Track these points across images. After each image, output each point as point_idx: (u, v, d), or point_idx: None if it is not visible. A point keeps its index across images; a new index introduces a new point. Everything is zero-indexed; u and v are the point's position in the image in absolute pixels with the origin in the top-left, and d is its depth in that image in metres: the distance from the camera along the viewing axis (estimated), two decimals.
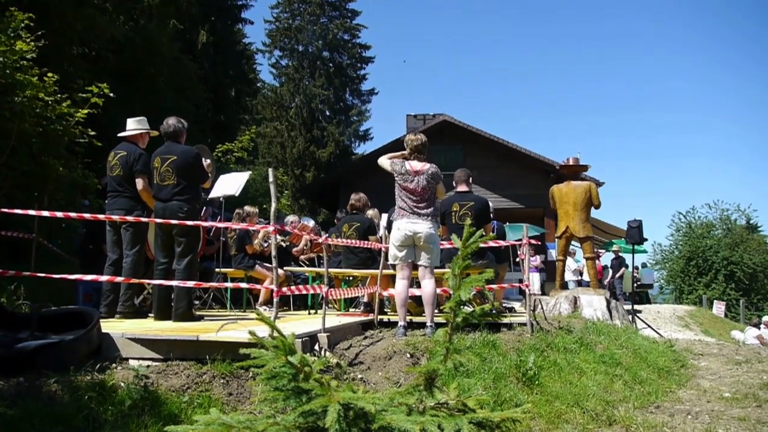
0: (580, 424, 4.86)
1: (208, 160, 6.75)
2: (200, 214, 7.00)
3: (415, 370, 1.94)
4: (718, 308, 22.75)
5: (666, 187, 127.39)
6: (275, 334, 2.12)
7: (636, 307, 14.38)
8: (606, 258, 19.26)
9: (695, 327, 17.15)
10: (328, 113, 35.48)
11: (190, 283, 5.80)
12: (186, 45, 20.76)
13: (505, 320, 6.87)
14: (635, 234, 11.11)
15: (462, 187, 7.38)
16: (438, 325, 6.26)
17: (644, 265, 25.09)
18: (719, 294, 30.33)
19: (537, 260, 17.38)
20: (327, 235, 8.07)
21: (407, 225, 5.76)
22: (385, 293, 6.98)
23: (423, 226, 5.78)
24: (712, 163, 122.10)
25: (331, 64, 35.42)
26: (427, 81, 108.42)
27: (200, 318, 6.24)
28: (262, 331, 2.34)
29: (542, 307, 8.13)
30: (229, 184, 8.50)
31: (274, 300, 5.39)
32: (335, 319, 6.51)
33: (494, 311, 7.74)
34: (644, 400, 5.75)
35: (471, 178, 7.51)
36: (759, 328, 14.59)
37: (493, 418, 1.86)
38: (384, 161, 6.00)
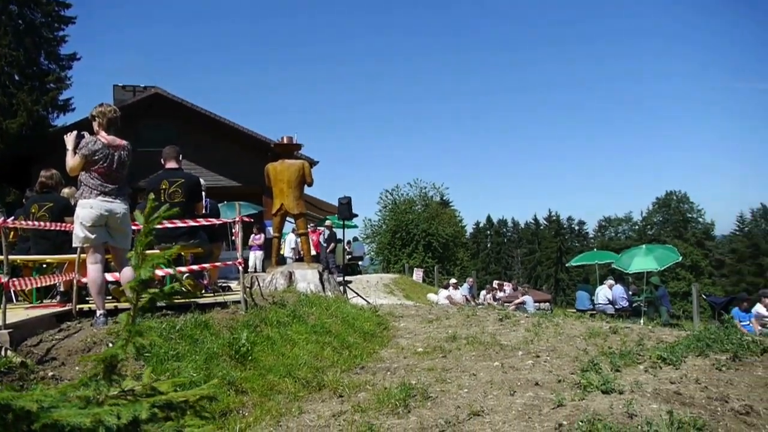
0: (292, 392, 5.02)
1: None
2: None
3: (91, 358, 1.75)
4: (418, 275, 25.60)
5: (376, 166, 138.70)
6: None
7: (348, 278, 15.40)
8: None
9: (398, 293, 19.04)
10: (17, 78, 30.71)
11: None
12: None
13: (219, 299, 6.76)
14: (345, 210, 11.83)
15: (171, 164, 7.02)
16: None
17: (355, 239, 26.95)
18: (419, 262, 34.10)
19: (260, 238, 17.49)
20: (14, 217, 7.01)
21: (102, 204, 5.25)
22: (84, 280, 6.32)
23: (119, 206, 5.34)
24: (414, 141, 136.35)
25: (20, 21, 30.62)
26: (139, 50, 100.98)
27: None
28: None
29: (259, 284, 8.18)
30: None
31: None
32: (23, 312, 5.72)
33: (209, 290, 7.58)
34: (351, 363, 6.18)
35: (181, 155, 7.17)
36: (448, 290, 16.74)
37: (184, 398, 1.77)
38: (77, 160, 5.32)
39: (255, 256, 17.23)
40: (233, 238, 9.58)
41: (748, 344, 6.07)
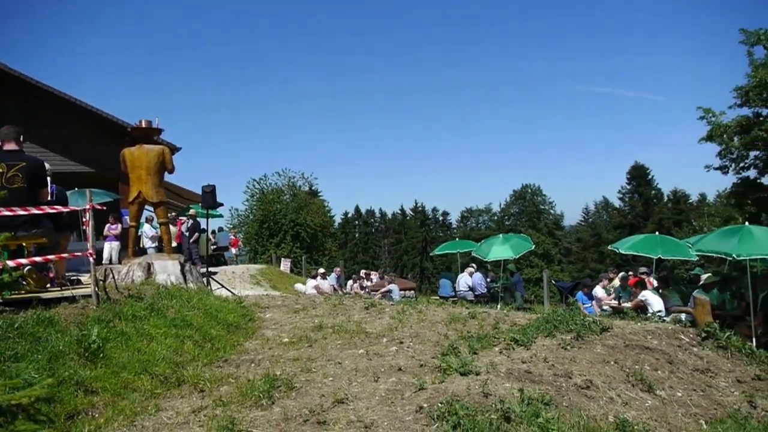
0: (149, 390, 4.76)
1: None
2: None
3: None
4: (285, 265, 25.37)
5: (243, 154, 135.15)
6: None
7: (213, 269, 14.91)
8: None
9: (265, 283, 18.77)
10: None
11: None
12: None
13: (67, 293, 6.25)
14: (209, 199, 11.41)
15: (10, 146, 6.36)
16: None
17: (221, 229, 26.19)
18: (287, 252, 33.81)
19: (117, 228, 16.42)
20: None
21: None
22: None
23: None
24: (283, 131, 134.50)
25: None
26: None
27: None
28: None
29: (113, 277, 7.67)
30: None
31: None
32: None
33: (56, 284, 6.99)
34: (213, 356, 5.98)
35: (22, 137, 6.53)
36: (316, 279, 16.74)
37: (14, 401, 1.61)
38: None
39: (111, 247, 16.17)
40: (84, 227, 8.91)
41: (589, 324, 6.61)
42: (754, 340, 9.08)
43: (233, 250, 26.90)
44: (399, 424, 4.01)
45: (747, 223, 11.20)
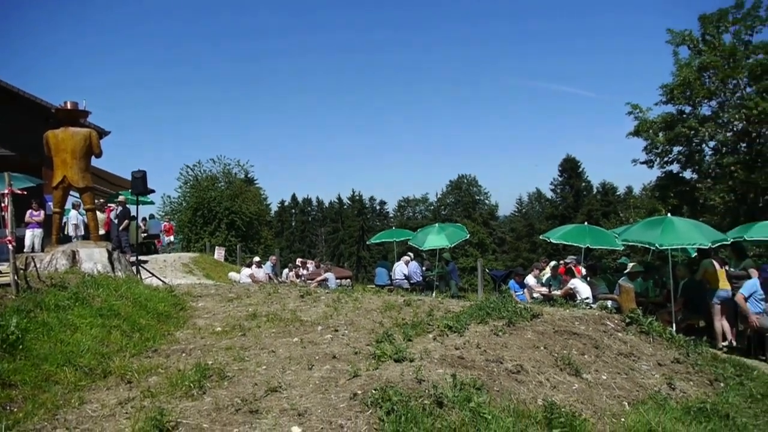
0: (72, 382, 4.58)
1: None
2: None
3: None
4: (219, 253, 24.86)
5: (176, 140, 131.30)
6: None
7: (143, 257, 14.47)
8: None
9: (198, 272, 18.34)
10: None
11: None
12: None
13: None
14: (139, 185, 11.03)
15: None
16: None
17: (152, 216, 25.38)
18: (222, 241, 33.11)
19: (40, 215, 15.65)
20: None
21: None
22: None
23: None
24: (218, 117, 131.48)
25: None
26: None
27: None
28: None
29: (35, 265, 7.33)
30: None
31: None
32: None
33: None
34: (142, 347, 5.79)
35: None
36: (251, 268, 16.49)
37: None
38: None
39: (33, 235, 15.39)
40: (2, 213, 8.45)
41: (520, 311, 6.79)
42: (674, 325, 9.53)
43: (169, 237, 26.20)
44: (333, 411, 4.00)
45: (669, 215, 11.70)
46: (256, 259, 17.61)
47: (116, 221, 15.95)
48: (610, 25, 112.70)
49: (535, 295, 12.39)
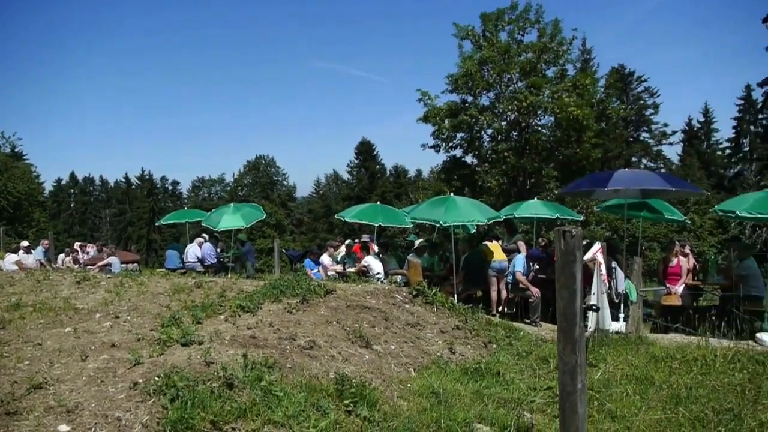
0: None
1: None
2: None
3: None
4: None
5: None
6: None
7: None
8: None
9: None
10: None
11: None
12: None
13: None
14: None
15: None
16: None
17: None
18: None
19: None
20: None
21: None
22: None
23: None
24: None
25: None
26: None
27: None
28: None
29: None
30: None
31: None
32: None
33: None
34: None
35: None
36: (17, 254, 14.66)
37: None
38: None
39: None
40: None
41: (314, 288, 6.82)
42: (455, 296, 10.31)
43: None
44: (109, 404, 3.64)
45: (452, 195, 12.60)
46: (24, 243, 15.68)
47: None
48: (404, 13, 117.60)
49: (330, 273, 12.61)
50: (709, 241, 27.70)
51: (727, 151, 51.00)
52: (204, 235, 18.09)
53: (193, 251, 16.42)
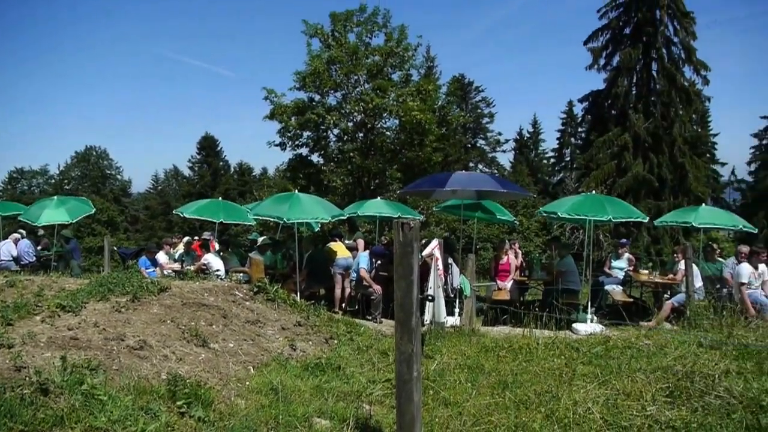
0: None
1: None
2: None
3: None
4: None
5: None
6: None
7: None
8: None
9: None
10: None
11: None
12: None
13: None
14: None
15: None
16: None
17: None
18: None
19: None
20: None
21: None
22: None
23: None
24: None
25: None
26: None
27: None
28: None
29: None
30: None
31: None
32: None
33: None
34: None
35: None
36: None
37: None
38: None
39: None
40: None
41: (147, 286, 6.41)
42: (298, 293, 10.23)
43: None
44: None
45: (297, 191, 12.49)
46: None
47: None
48: (250, 8, 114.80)
49: (166, 271, 11.97)
50: (535, 242, 30.07)
51: (552, 160, 56.20)
52: (21, 230, 16.37)
53: (7, 248, 14.79)
